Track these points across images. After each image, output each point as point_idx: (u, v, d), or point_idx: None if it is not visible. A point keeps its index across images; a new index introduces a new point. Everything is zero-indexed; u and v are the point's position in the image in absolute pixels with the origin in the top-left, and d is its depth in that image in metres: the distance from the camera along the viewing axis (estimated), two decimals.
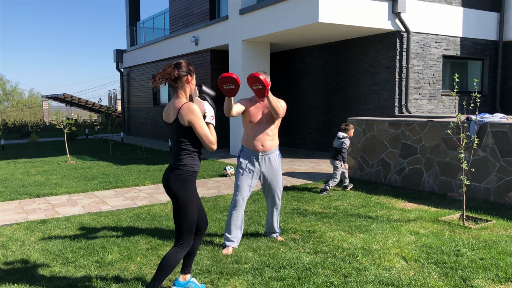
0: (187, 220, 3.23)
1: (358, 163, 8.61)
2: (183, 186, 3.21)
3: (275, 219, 4.84)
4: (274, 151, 4.63)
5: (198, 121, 3.16)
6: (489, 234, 4.93)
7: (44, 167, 10.76)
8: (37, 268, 4.11)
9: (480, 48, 12.12)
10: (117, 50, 21.50)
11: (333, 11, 9.59)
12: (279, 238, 4.89)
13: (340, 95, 12.41)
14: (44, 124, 28.91)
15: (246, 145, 4.59)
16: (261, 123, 4.54)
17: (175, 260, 3.21)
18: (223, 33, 13.04)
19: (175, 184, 3.21)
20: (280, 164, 4.72)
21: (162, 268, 3.19)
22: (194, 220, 3.26)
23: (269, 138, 4.56)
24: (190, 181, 3.24)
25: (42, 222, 5.68)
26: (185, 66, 3.25)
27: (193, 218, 3.25)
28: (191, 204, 3.23)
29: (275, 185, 4.68)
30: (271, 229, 4.91)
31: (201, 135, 3.18)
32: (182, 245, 3.26)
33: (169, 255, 3.21)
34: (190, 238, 3.28)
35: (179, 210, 3.23)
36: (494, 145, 6.40)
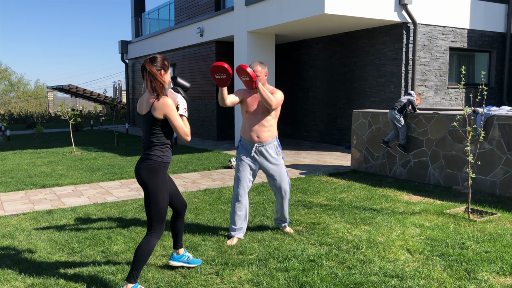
0: (157, 208, 3.33)
1: (364, 155, 8.59)
2: (153, 175, 3.32)
3: (285, 209, 4.75)
4: (271, 141, 4.55)
5: (174, 114, 3.27)
6: (494, 227, 4.91)
7: (49, 158, 10.81)
8: (43, 258, 4.15)
9: (487, 40, 12.01)
10: (122, 41, 21.48)
11: (339, 2, 9.52)
12: (287, 229, 4.84)
13: (346, 87, 12.36)
14: (49, 115, 29.00)
15: (244, 136, 4.58)
16: (257, 113, 4.49)
17: (148, 248, 3.32)
18: (228, 25, 12.99)
19: (145, 174, 3.32)
20: (279, 153, 4.63)
21: (137, 258, 3.30)
22: (164, 209, 3.36)
23: (265, 129, 4.50)
24: (160, 171, 3.34)
25: (48, 213, 5.71)
26: (159, 61, 3.33)
27: (163, 206, 3.36)
28: (161, 193, 3.34)
29: (276, 176, 4.60)
30: (281, 218, 4.83)
31: (176, 127, 3.30)
32: (153, 233, 3.36)
33: (142, 244, 3.32)
34: (161, 226, 3.39)
35: (149, 199, 3.33)
36: (500, 138, 6.36)
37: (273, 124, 4.56)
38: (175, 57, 16.99)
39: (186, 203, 3.81)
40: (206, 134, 15.14)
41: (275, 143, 4.61)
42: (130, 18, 21.78)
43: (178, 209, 3.74)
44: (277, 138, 4.65)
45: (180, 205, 3.74)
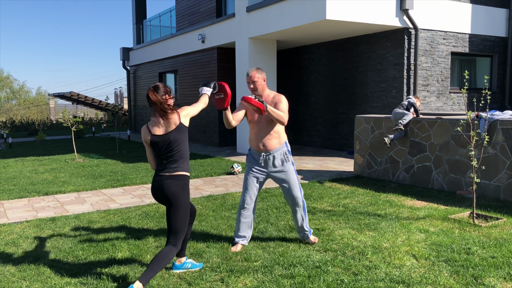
0: (184, 222, 3.59)
1: (367, 160, 8.58)
2: (184, 190, 3.58)
3: (299, 219, 4.55)
4: (279, 149, 4.41)
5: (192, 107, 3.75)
6: (500, 232, 4.89)
7: (52, 165, 10.80)
8: (47, 265, 4.13)
9: (489, 45, 12.02)
10: (124, 48, 21.55)
11: (340, 8, 9.54)
12: (311, 238, 4.63)
13: (348, 92, 12.36)
14: (51, 122, 29.04)
15: (251, 145, 4.50)
16: (260, 122, 4.37)
17: (169, 258, 3.50)
18: (229, 31, 13.03)
19: (177, 189, 3.56)
20: (288, 159, 4.46)
21: (157, 263, 3.42)
22: (187, 222, 3.64)
23: (271, 137, 4.36)
24: (188, 188, 3.63)
25: (52, 220, 5.70)
26: (162, 89, 3.62)
27: (187, 220, 3.63)
28: (188, 208, 3.63)
29: (285, 183, 4.46)
30: (301, 230, 4.62)
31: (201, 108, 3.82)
32: (176, 245, 3.57)
33: (164, 253, 3.49)
34: (182, 238, 3.63)
35: (178, 213, 3.56)
36: (504, 142, 6.35)
37: (280, 131, 4.41)
38: (177, 64, 17.03)
39: (195, 209, 3.99)
40: (208, 140, 15.14)
41: (284, 150, 4.45)
42: (132, 25, 21.85)
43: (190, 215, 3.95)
44: (286, 144, 4.50)
45: (191, 211, 3.94)
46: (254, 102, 4.06)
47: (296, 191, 4.49)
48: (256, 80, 4.37)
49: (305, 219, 4.62)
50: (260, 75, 4.39)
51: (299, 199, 4.51)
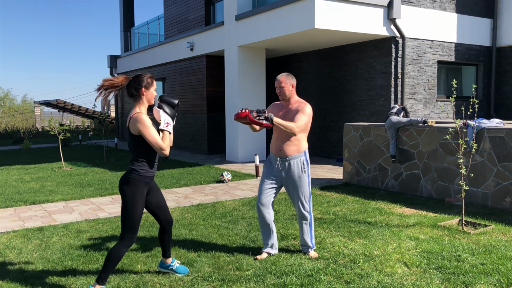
0: (130, 219, 3.51)
1: (355, 168, 8.62)
2: (130, 188, 3.52)
3: (305, 232, 4.49)
4: (296, 156, 4.32)
5: (146, 130, 3.44)
6: (489, 239, 4.94)
7: (38, 173, 10.66)
8: (36, 276, 4.06)
9: (474, 54, 12.22)
10: (111, 55, 21.44)
11: (329, 17, 9.63)
12: (311, 253, 4.50)
13: (336, 100, 12.44)
14: (36, 130, 28.71)
15: (271, 149, 4.48)
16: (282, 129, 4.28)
17: (116, 255, 3.50)
18: (218, 39, 13.05)
19: (123, 185, 3.55)
20: (305, 170, 4.36)
21: (107, 263, 3.49)
22: (136, 220, 3.53)
23: (290, 143, 4.30)
24: (137, 184, 3.53)
25: (39, 230, 5.61)
26: (141, 80, 3.55)
27: (135, 218, 3.52)
28: (135, 205, 3.51)
29: (296, 193, 4.38)
30: (304, 243, 4.55)
31: (150, 142, 3.47)
32: (123, 242, 3.53)
33: (112, 251, 3.51)
34: (132, 236, 3.54)
35: (125, 209, 3.52)
36: (491, 150, 6.43)
37: (300, 139, 4.33)
38: (165, 71, 16.99)
39: (172, 220, 3.94)
40: (197, 148, 15.09)
41: (302, 159, 4.36)
42: (120, 33, 21.78)
43: (163, 224, 3.90)
44: (305, 153, 4.40)
45: (165, 221, 3.89)
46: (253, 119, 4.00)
47: (305, 205, 4.41)
48: (284, 85, 4.33)
49: (311, 235, 4.53)
50: (289, 80, 4.35)
51: (306, 213, 4.43)
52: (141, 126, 3.44)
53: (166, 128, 3.56)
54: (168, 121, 3.59)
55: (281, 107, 4.47)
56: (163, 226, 3.91)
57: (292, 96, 4.41)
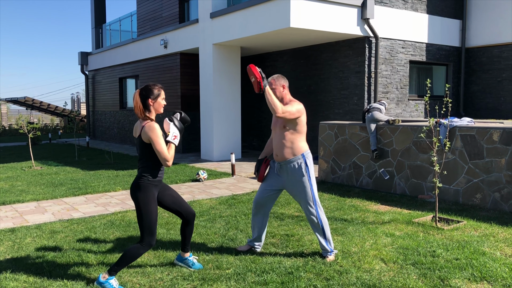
0: (146, 222, 3.66)
1: (330, 166, 8.71)
2: (142, 192, 3.67)
3: (319, 236, 4.35)
4: (293, 159, 4.23)
5: (156, 139, 3.59)
6: (461, 235, 5.08)
7: (7, 173, 10.36)
8: (9, 279, 3.95)
9: (444, 54, 12.52)
10: (82, 52, 21.01)
11: (304, 16, 9.69)
12: (328, 258, 4.31)
13: (311, 99, 12.54)
14: (3, 128, 27.88)
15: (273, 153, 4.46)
16: (275, 130, 4.35)
17: (135, 254, 3.66)
18: (193, 37, 12.96)
19: (135, 190, 3.69)
20: (307, 171, 4.25)
21: (123, 257, 3.65)
22: (152, 222, 3.68)
23: (283, 146, 4.24)
24: (147, 188, 3.69)
25: (11, 231, 5.46)
26: (147, 91, 3.68)
27: (151, 220, 3.67)
28: (148, 208, 3.66)
29: (299, 198, 4.30)
30: (322, 247, 4.38)
31: (157, 151, 3.61)
32: (143, 244, 3.68)
33: (132, 248, 3.66)
34: (151, 238, 3.69)
35: (139, 213, 3.67)
36: (462, 148, 6.61)
37: (294, 140, 4.24)
38: (138, 69, 16.76)
39: (194, 212, 4.08)
40: None
41: (299, 161, 4.24)
42: (90, 29, 21.35)
43: (185, 217, 4.04)
44: (303, 155, 4.27)
45: (186, 213, 4.02)
46: (255, 71, 4.01)
47: (310, 208, 4.29)
48: (275, 87, 4.30)
49: (325, 239, 4.35)
50: (279, 82, 4.32)
51: (313, 217, 4.30)
52: (152, 135, 3.59)
53: (173, 140, 3.71)
54: (176, 134, 3.74)
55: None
56: (185, 219, 4.04)
57: (284, 97, 4.35)
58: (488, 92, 12.49)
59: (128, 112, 18.09)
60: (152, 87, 3.71)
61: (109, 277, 3.65)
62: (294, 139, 4.25)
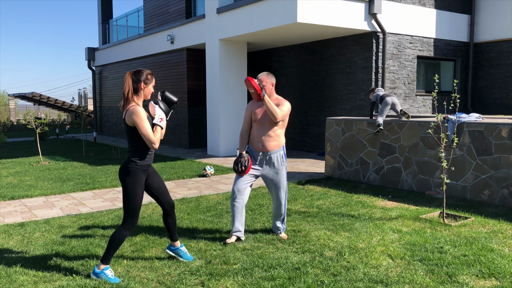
0: (130, 204, 3.74)
1: (337, 162, 8.70)
2: (129, 176, 3.74)
3: (279, 218, 4.92)
4: (277, 151, 4.70)
5: (141, 122, 3.63)
6: (469, 231, 5.06)
7: (15, 168, 10.44)
8: (19, 273, 3.98)
9: (452, 49, 12.43)
10: (89, 48, 21.08)
11: (311, 11, 9.65)
12: (282, 235, 4.94)
13: (317, 95, 12.51)
14: (11, 124, 28.06)
15: (251, 144, 4.76)
16: (263, 123, 4.64)
17: (119, 238, 3.75)
18: (199, 32, 12.95)
19: (123, 174, 3.77)
20: (284, 164, 4.76)
21: (110, 245, 3.76)
22: (136, 206, 3.76)
23: (271, 139, 4.64)
24: (135, 172, 3.75)
25: (20, 225, 5.51)
26: (140, 75, 3.74)
27: (136, 204, 3.76)
28: (135, 192, 3.74)
29: (277, 185, 4.76)
30: (276, 228, 5.00)
31: (143, 134, 3.66)
32: (125, 226, 3.77)
33: (114, 234, 3.77)
34: (133, 221, 3.78)
35: (126, 196, 3.75)
36: (470, 144, 6.58)
37: (280, 134, 4.70)
38: (145, 64, 16.79)
39: (173, 203, 4.15)
40: (178, 142, 14.99)
41: (281, 153, 4.74)
42: (97, 25, 21.40)
43: (165, 208, 4.10)
44: (283, 148, 4.78)
45: (166, 203, 4.08)
46: (254, 84, 4.38)
47: (283, 193, 4.81)
48: (265, 84, 4.60)
49: (284, 221, 5.00)
50: (269, 79, 4.66)
51: (283, 200, 4.84)
52: (136, 118, 3.62)
53: (159, 123, 3.74)
54: (162, 116, 3.77)
55: (261, 104, 4.73)
56: (165, 210, 4.11)
57: (271, 95, 4.71)
58: (497, 88, 12.39)
59: None
60: (145, 72, 3.76)
61: (104, 268, 3.76)
62: (280, 133, 4.71)
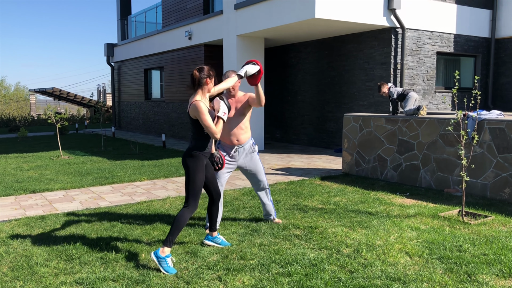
0: (194, 186, 4.05)
1: (355, 158, 8.65)
2: (192, 160, 4.07)
3: (266, 202, 5.25)
4: (248, 142, 5.04)
5: (203, 116, 3.94)
6: (489, 230, 4.99)
7: (36, 162, 10.63)
8: (41, 265, 4.07)
9: (473, 45, 12.22)
10: (108, 44, 21.29)
11: (329, 7, 9.59)
12: (276, 220, 5.32)
13: (334, 90, 12.44)
14: (32, 118, 28.55)
15: (223, 140, 4.99)
16: (234, 118, 4.90)
17: (183, 219, 4.01)
18: (217, 28, 12.98)
19: (186, 158, 4.09)
20: (255, 150, 5.10)
21: (174, 226, 3.99)
22: (199, 188, 4.07)
23: (243, 131, 4.94)
24: (197, 157, 4.08)
25: (41, 218, 5.62)
26: (206, 71, 4.04)
27: (198, 186, 4.06)
28: (197, 175, 4.05)
29: (256, 171, 5.11)
30: (267, 213, 5.33)
31: (205, 126, 3.97)
32: (188, 206, 4.06)
33: (178, 215, 4.02)
34: (195, 202, 4.07)
35: (188, 179, 4.06)
36: (491, 141, 6.47)
37: (248, 126, 5.02)
38: (163, 60, 16.90)
39: (220, 193, 4.51)
40: None
41: (251, 142, 5.10)
42: (116, 21, 21.60)
43: (213, 196, 4.44)
44: (251, 138, 5.14)
45: (215, 193, 4.43)
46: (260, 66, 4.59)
47: (262, 176, 5.17)
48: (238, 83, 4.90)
49: (271, 203, 5.31)
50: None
51: (265, 183, 5.20)
52: (199, 113, 3.93)
53: (223, 116, 4.09)
54: (225, 111, 4.14)
55: (231, 101, 4.97)
56: (212, 198, 4.44)
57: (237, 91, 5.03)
58: None
59: (153, 103, 18.28)
60: (208, 68, 4.06)
61: (167, 255, 3.91)
62: (248, 125, 5.01)
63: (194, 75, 4.02)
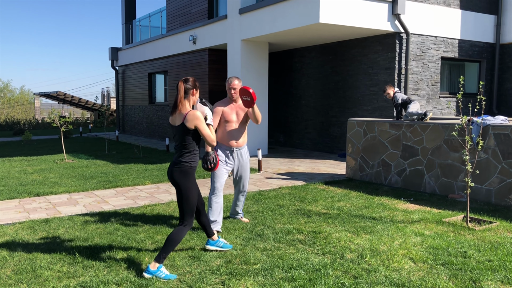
0: (188, 204, 3.95)
1: (359, 163, 8.63)
2: (185, 177, 3.94)
3: (241, 204, 5.56)
4: (245, 146, 5.33)
5: (202, 125, 3.90)
6: (494, 236, 4.96)
7: (40, 165, 10.66)
8: (44, 268, 4.07)
9: (477, 50, 12.20)
10: (113, 48, 21.38)
11: (333, 11, 9.60)
12: (244, 219, 5.63)
13: (338, 95, 12.44)
14: (36, 122, 28.66)
15: (221, 142, 5.20)
16: (238, 123, 5.16)
17: (179, 237, 3.90)
18: (221, 32, 13.01)
19: (178, 175, 3.94)
20: (249, 157, 5.41)
21: (168, 243, 3.86)
22: (194, 204, 3.98)
23: (243, 136, 5.23)
24: (189, 173, 3.97)
25: (45, 222, 5.62)
26: (191, 82, 4.01)
27: (193, 202, 3.97)
28: (191, 192, 3.95)
29: (245, 176, 5.38)
30: (235, 212, 5.64)
31: (205, 136, 3.91)
32: (185, 224, 3.96)
33: (174, 232, 3.91)
34: (191, 219, 3.99)
35: (181, 197, 3.95)
36: (496, 147, 6.45)
37: (246, 131, 5.31)
38: (167, 65, 16.95)
39: (203, 202, 4.47)
40: None
41: (246, 148, 5.40)
42: (121, 25, 21.69)
43: (199, 208, 4.41)
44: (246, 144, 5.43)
45: (199, 204, 4.41)
46: (253, 93, 4.77)
47: (247, 183, 5.47)
48: (237, 87, 5.11)
49: (242, 205, 5.63)
50: (241, 84, 5.16)
51: (247, 187, 5.50)
52: (198, 121, 3.87)
53: (211, 122, 4.14)
54: (211, 116, 4.18)
55: (232, 106, 5.17)
56: (199, 210, 4.40)
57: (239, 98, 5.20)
58: None
59: (157, 107, 18.32)
60: (192, 79, 4.03)
61: (159, 266, 3.83)
62: (246, 131, 5.32)
63: (181, 86, 3.95)
